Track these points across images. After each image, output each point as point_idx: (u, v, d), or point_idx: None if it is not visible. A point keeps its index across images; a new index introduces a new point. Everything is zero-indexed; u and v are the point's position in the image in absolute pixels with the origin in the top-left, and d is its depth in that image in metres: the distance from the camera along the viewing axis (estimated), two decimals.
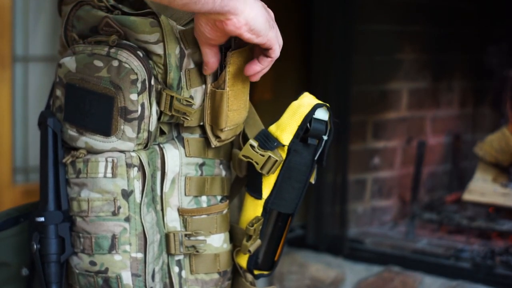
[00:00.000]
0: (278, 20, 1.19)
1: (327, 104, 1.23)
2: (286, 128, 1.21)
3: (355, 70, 2.86)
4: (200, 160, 1.20)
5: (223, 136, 1.18)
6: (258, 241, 1.23)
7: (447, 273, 2.59)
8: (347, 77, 2.84)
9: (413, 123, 3.13)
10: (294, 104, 1.23)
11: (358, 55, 2.88)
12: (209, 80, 1.16)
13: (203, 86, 1.17)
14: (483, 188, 2.90)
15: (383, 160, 3.05)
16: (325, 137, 1.22)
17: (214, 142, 1.18)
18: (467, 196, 2.93)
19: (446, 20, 3.15)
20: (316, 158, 1.23)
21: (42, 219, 1.16)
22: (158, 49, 1.13)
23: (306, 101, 1.23)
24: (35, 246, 1.16)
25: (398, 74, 3.05)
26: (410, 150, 3.10)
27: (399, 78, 3.05)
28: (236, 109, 1.17)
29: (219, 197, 1.23)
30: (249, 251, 1.22)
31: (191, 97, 1.16)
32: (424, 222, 2.97)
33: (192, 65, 1.16)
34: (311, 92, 1.25)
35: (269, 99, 2.77)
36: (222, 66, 1.16)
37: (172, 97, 1.14)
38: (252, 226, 1.21)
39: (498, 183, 2.90)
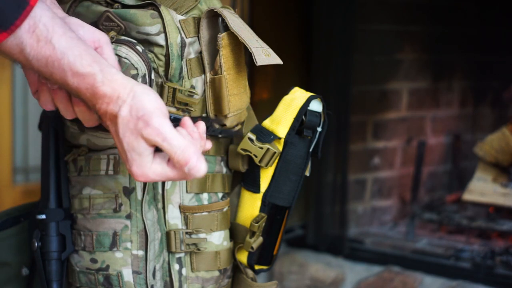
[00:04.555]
0: (279, 20, 1.19)
1: (320, 96, 1.23)
2: (281, 121, 1.22)
3: (355, 70, 2.87)
4: None
5: (228, 123, 1.18)
6: (260, 238, 1.23)
7: (447, 273, 2.59)
8: (347, 77, 2.85)
9: (413, 123, 3.13)
10: (287, 98, 1.24)
11: (358, 55, 2.88)
12: (207, 69, 1.17)
13: (203, 76, 1.17)
14: (483, 188, 2.91)
15: (383, 160, 3.05)
16: (319, 129, 1.23)
17: None
18: (467, 196, 2.93)
19: (446, 20, 3.16)
20: (310, 150, 1.23)
21: (43, 216, 1.16)
22: (160, 40, 1.13)
23: (299, 94, 1.23)
24: (36, 244, 1.16)
25: (398, 74, 3.05)
26: (410, 150, 3.10)
27: (399, 78, 3.05)
28: (236, 93, 1.17)
29: (220, 194, 1.23)
30: (252, 248, 1.22)
31: (193, 86, 1.16)
32: (424, 222, 2.98)
33: (192, 55, 1.16)
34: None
35: (269, 99, 2.78)
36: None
37: (174, 89, 1.14)
38: (257, 222, 1.21)
39: (498, 183, 2.90)
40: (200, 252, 1.20)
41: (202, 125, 1.04)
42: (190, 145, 0.97)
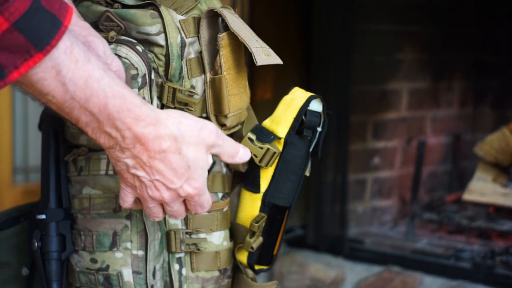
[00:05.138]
0: (279, 20, 1.18)
1: (320, 96, 1.23)
2: (281, 121, 1.22)
3: (355, 70, 2.87)
4: None
5: (228, 123, 1.18)
6: (260, 238, 1.23)
7: (447, 273, 2.59)
8: (347, 77, 2.85)
9: (413, 123, 3.13)
10: (287, 98, 1.24)
11: (358, 55, 2.88)
12: (207, 69, 1.17)
13: (203, 76, 1.17)
14: (483, 188, 2.91)
15: (383, 160, 3.05)
16: (319, 129, 1.23)
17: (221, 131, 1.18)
18: (467, 196, 2.93)
19: (446, 20, 3.16)
20: (310, 150, 1.23)
21: (43, 216, 1.16)
22: (160, 40, 1.13)
23: (299, 94, 1.23)
24: (36, 244, 1.16)
25: (398, 74, 3.05)
26: (410, 150, 3.10)
27: (399, 78, 3.05)
28: (236, 93, 1.17)
29: (220, 194, 1.23)
30: (252, 248, 1.22)
31: (193, 86, 1.16)
32: (424, 222, 2.98)
33: (192, 55, 1.16)
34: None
35: (269, 99, 2.78)
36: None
37: (174, 89, 1.14)
38: (257, 222, 1.21)
39: (498, 183, 2.90)
40: (200, 252, 1.20)
41: None
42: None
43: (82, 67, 0.90)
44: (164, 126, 0.96)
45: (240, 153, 1.06)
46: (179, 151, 0.97)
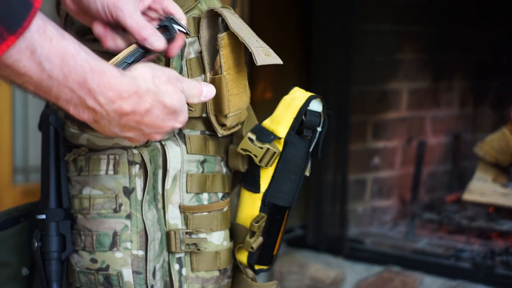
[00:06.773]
0: (279, 20, 1.18)
1: (320, 96, 1.23)
2: (281, 121, 1.22)
3: (355, 70, 2.86)
4: (201, 157, 1.20)
5: (228, 123, 1.18)
6: (260, 238, 1.23)
7: (447, 273, 2.59)
8: (347, 77, 2.85)
9: (413, 123, 3.13)
10: (287, 98, 1.24)
11: (358, 55, 2.88)
12: (207, 69, 1.17)
13: (203, 76, 1.17)
14: (483, 188, 2.91)
15: (383, 160, 3.05)
16: (319, 129, 1.23)
17: (220, 131, 1.19)
18: (467, 196, 2.93)
19: (446, 20, 3.16)
20: (310, 150, 1.23)
21: (43, 216, 1.16)
22: None
23: (299, 94, 1.24)
24: (36, 244, 1.16)
25: (398, 74, 3.05)
26: (410, 150, 3.10)
27: (399, 78, 3.05)
28: (236, 93, 1.18)
29: (220, 194, 1.23)
30: (252, 248, 1.22)
31: None
32: (424, 222, 2.98)
33: (192, 55, 1.16)
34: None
35: (269, 99, 2.78)
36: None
37: None
38: (257, 222, 1.21)
39: (498, 183, 2.90)
40: (200, 252, 1.20)
41: None
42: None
43: (57, 45, 0.89)
44: (145, 89, 0.97)
45: (204, 92, 1.07)
46: (163, 105, 0.99)
